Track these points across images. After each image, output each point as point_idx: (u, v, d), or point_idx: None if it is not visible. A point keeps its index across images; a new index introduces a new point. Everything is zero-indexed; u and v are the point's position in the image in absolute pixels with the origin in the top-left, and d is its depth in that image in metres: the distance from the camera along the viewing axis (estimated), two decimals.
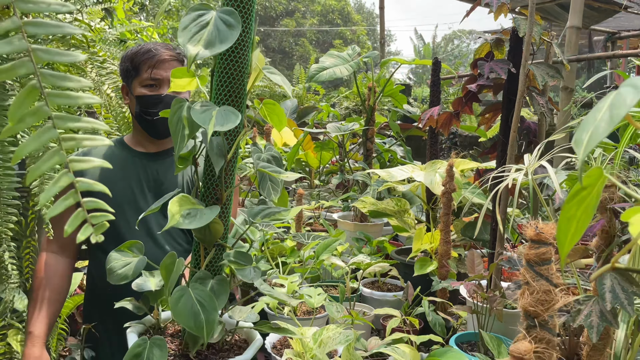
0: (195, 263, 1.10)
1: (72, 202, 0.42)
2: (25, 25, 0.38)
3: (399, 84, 4.18)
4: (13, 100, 0.38)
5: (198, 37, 0.86)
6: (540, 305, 0.73)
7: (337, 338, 1.33)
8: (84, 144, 0.42)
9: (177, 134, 0.95)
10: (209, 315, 0.95)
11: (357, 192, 3.08)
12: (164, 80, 1.63)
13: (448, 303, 1.75)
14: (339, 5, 26.92)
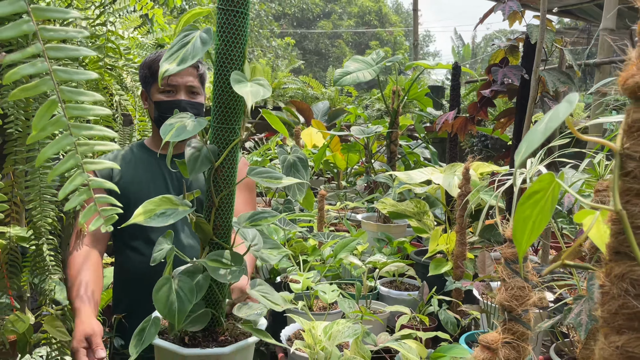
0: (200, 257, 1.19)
1: (85, 198, 0.51)
2: (47, 50, 0.47)
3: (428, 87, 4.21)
4: (36, 112, 0.47)
5: (175, 56, 0.96)
6: (515, 300, 0.79)
7: (346, 332, 1.40)
8: (96, 148, 0.50)
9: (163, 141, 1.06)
10: (183, 305, 1.03)
11: (382, 193, 3.13)
12: (180, 86, 1.70)
13: (459, 302, 1.79)
14: (376, 6, 26.88)
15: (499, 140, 4.94)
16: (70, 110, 0.48)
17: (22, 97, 0.46)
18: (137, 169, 1.79)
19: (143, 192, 1.73)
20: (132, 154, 1.81)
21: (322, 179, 4.39)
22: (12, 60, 0.45)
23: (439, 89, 6.98)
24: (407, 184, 2.38)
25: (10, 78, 0.45)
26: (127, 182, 1.74)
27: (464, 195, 1.88)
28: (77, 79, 0.47)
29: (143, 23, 4.46)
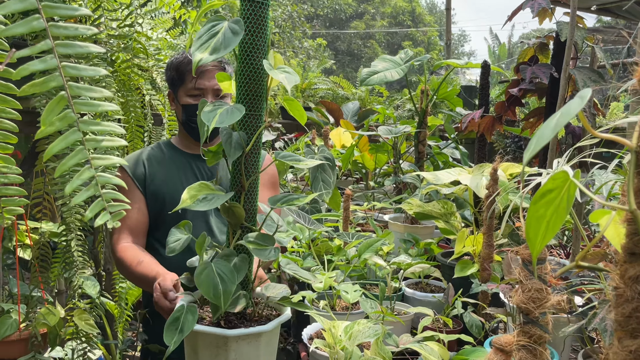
0: (227, 243, 1.21)
1: (92, 193, 0.52)
2: (57, 46, 0.48)
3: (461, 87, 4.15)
4: (45, 107, 0.48)
5: (206, 45, 0.98)
6: (532, 303, 0.77)
7: (367, 332, 1.39)
8: (103, 144, 0.52)
9: (202, 130, 1.08)
10: (227, 287, 1.05)
11: (409, 194, 3.10)
12: (207, 89, 1.72)
13: (484, 305, 1.76)
14: (409, 6, 26.66)
15: None
16: (78, 106, 0.49)
17: (31, 92, 0.48)
18: (169, 169, 1.81)
19: (177, 192, 1.75)
20: (162, 154, 1.84)
21: (350, 179, 4.38)
22: (22, 56, 0.47)
23: (473, 88, 6.86)
24: (434, 185, 2.36)
25: (19, 74, 0.46)
26: (160, 182, 1.77)
27: (492, 196, 1.84)
28: (87, 75, 0.49)
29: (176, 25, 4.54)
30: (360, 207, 3.13)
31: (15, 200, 0.65)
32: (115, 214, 0.53)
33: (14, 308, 1.63)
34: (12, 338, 1.52)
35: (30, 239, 1.67)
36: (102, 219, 0.52)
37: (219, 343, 1.11)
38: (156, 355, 1.74)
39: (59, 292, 2.33)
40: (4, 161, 0.64)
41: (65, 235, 1.44)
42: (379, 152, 3.65)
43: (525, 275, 0.78)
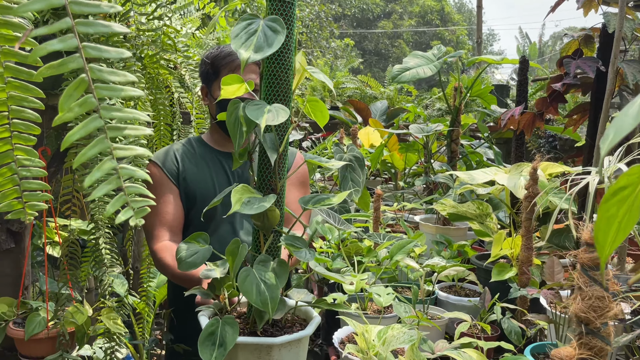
0: (255, 248, 1.17)
1: (114, 187, 0.48)
2: (77, 25, 0.44)
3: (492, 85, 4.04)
4: (64, 92, 0.44)
5: (249, 43, 0.95)
6: (593, 312, 0.70)
7: (401, 337, 1.33)
8: (126, 132, 0.47)
9: (236, 131, 1.04)
10: (272, 292, 1.02)
11: (441, 194, 3.02)
12: None
13: (524, 311, 1.68)
14: (438, 5, 26.37)
15: (569, 141, 4.68)
16: (99, 91, 0.45)
17: (48, 74, 0.44)
18: (201, 166, 1.78)
19: (208, 189, 1.73)
20: (193, 150, 1.80)
21: (379, 179, 4.31)
22: (40, 34, 0.43)
23: (503, 87, 6.71)
24: (469, 185, 2.28)
25: (37, 53, 0.42)
26: (192, 179, 1.75)
27: (532, 197, 1.76)
28: (108, 57, 0.44)
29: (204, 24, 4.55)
30: (389, 208, 3.06)
31: (39, 195, 0.61)
32: (139, 210, 0.49)
33: (43, 306, 1.62)
34: (41, 336, 1.51)
35: (59, 236, 1.66)
36: (125, 215, 0.48)
37: (262, 352, 1.07)
38: (181, 355, 1.71)
39: (89, 291, 2.33)
40: (26, 153, 0.60)
41: (94, 233, 1.41)
42: (408, 152, 3.58)
43: (585, 281, 0.72)
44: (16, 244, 1.68)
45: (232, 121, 1.05)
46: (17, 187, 0.58)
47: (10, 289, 1.72)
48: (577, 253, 0.74)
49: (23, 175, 0.59)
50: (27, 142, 0.60)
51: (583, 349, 0.67)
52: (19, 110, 0.59)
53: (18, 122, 0.59)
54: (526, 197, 1.78)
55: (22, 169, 0.59)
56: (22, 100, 0.58)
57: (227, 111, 1.07)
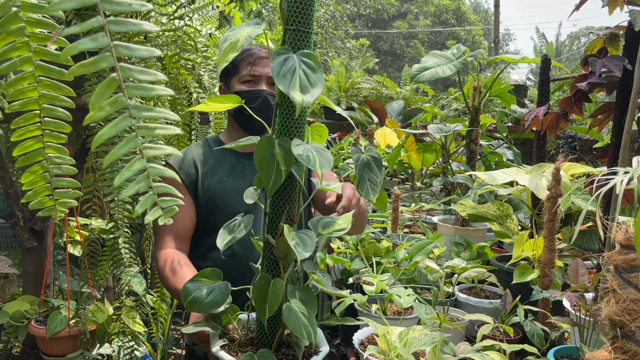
0: (272, 273, 1.16)
1: (143, 186, 0.47)
2: (108, 24, 0.44)
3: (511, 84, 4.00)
4: (94, 91, 0.44)
5: (294, 84, 0.93)
6: (627, 315, 0.68)
7: (423, 339, 1.32)
8: (156, 132, 0.47)
9: (271, 169, 1.01)
10: (312, 323, 1.08)
11: (459, 195, 3.00)
12: (262, 77, 1.69)
13: (547, 313, 1.65)
14: (453, 5, 26.20)
15: (589, 142, 4.61)
16: (130, 90, 0.44)
17: (80, 73, 0.44)
18: (220, 169, 1.75)
19: (228, 194, 1.69)
20: (211, 152, 1.77)
21: (395, 179, 4.28)
22: (73, 33, 0.42)
23: (521, 88, 6.64)
24: (489, 185, 2.25)
25: (68, 52, 0.42)
26: (212, 184, 1.71)
27: (554, 198, 1.73)
28: (139, 56, 0.44)
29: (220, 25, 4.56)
30: (407, 209, 3.04)
31: (69, 193, 0.61)
32: (168, 209, 0.48)
33: (64, 304, 1.63)
34: (62, 334, 1.52)
35: (80, 235, 1.67)
36: (153, 215, 0.47)
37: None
38: (201, 358, 1.71)
39: (107, 289, 2.34)
40: (57, 151, 0.60)
41: (114, 232, 1.42)
42: (426, 152, 3.55)
43: (619, 284, 0.70)
44: (38, 243, 1.70)
45: (267, 158, 1.01)
46: (48, 184, 0.59)
47: (32, 287, 1.73)
48: (611, 255, 0.72)
49: (54, 173, 0.59)
50: (58, 140, 0.60)
51: (618, 352, 0.66)
52: (50, 108, 0.59)
53: (49, 121, 0.59)
54: (549, 198, 1.76)
55: (53, 167, 0.59)
56: (54, 98, 0.58)
57: (259, 146, 1.03)
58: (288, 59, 0.97)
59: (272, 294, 1.06)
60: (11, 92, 0.56)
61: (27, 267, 1.73)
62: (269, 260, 1.15)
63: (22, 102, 0.56)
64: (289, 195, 1.13)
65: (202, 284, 1.16)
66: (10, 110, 0.54)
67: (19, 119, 0.56)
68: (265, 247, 1.15)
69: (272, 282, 1.08)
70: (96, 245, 1.57)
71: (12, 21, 0.56)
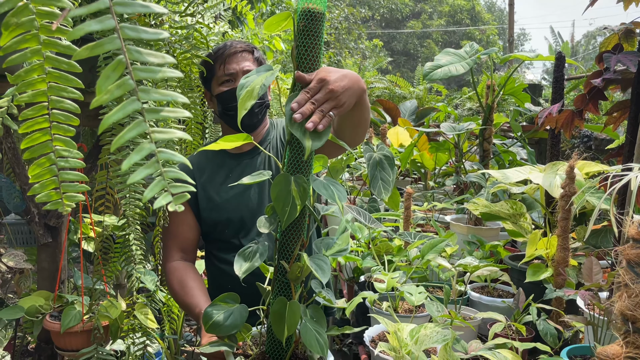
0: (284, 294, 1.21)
1: (152, 171, 0.47)
2: (114, 5, 0.44)
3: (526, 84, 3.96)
4: (101, 73, 0.44)
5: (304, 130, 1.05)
6: (639, 309, 0.67)
7: (434, 337, 1.31)
8: (164, 114, 0.47)
9: (287, 204, 1.07)
10: (324, 339, 1.16)
11: (472, 194, 2.97)
12: (238, 73, 1.64)
13: (560, 312, 1.63)
14: (468, 4, 26.04)
15: (605, 141, 4.55)
16: (137, 72, 0.45)
17: (85, 55, 0.44)
18: (218, 175, 1.74)
19: (230, 200, 1.70)
20: (207, 159, 1.75)
21: (408, 179, 4.27)
22: (79, 14, 0.43)
23: (536, 87, 6.58)
24: (502, 184, 2.23)
25: (73, 34, 0.43)
26: (214, 192, 1.71)
27: (568, 196, 1.71)
28: (146, 38, 0.44)
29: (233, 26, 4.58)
30: (419, 208, 3.03)
31: (76, 186, 0.62)
32: (178, 195, 0.49)
33: (78, 300, 1.65)
34: (76, 329, 1.54)
35: (94, 232, 1.69)
36: (164, 200, 0.48)
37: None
38: None
39: (120, 286, 2.36)
40: (65, 144, 0.61)
41: (125, 228, 1.43)
42: (439, 151, 3.53)
43: (631, 278, 0.69)
44: (53, 239, 1.72)
45: (284, 194, 1.07)
46: (55, 177, 0.59)
47: (47, 283, 1.76)
48: (623, 249, 0.71)
49: (61, 166, 0.60)
50: (66, 132, 0.61)
51: (630, 347, 0.65)
52: (58, 100, 0.59)
53: (57, 113, 0.59)
54: (562, 197, 1.74)
55: (61, 160, 0.59)
56: (62, 90, 0.59)
57: (276, 182, 1.08)
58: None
59: (290, 316, 1.12)
60: (20, 84, 0.56)
61: (42, 262, 1.75)
62: (280, 283, 1.21)
63: (31, 94, 0.56)
64: (300, 223, 1.18)
65: (221, 308, 1.21)
66: (19, 102, 0.55)
67: (28, 110, 0.57)
68: (277, 270, 1.20)
69: (289, 304, 1.14)
70: (109, 242, 1.58)
71: (23, 13, 0.57)
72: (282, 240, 1.19)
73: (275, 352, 1.24)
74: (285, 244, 1.19)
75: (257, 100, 1.10)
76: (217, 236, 1.73)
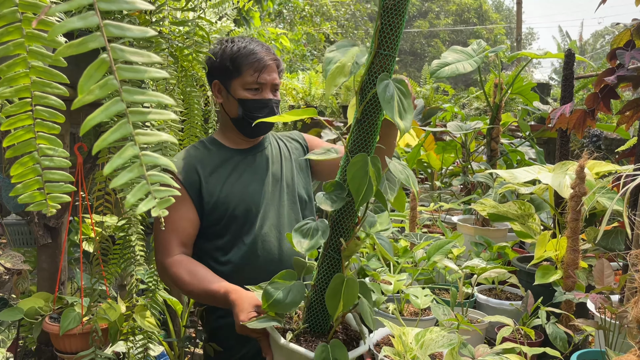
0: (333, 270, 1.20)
1: (136, 175, 0.44)
2: (98, 2, 0.41)
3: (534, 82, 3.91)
4: (84, 73, 0.41)
5: (397, 110, 1.00)
6: None
7: (440, 341, 1.27)
8: (150, 117, 0.44)
9: (363, 185, 1.05)
10: (372, 313, 1.17)
11: (480, 194, 2.93)
12: (268, 84, 1.65)
13: (570, 316, 1.59)
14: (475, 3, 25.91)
15: (615, 141, 4.49)
16: (121, 72, 0.42)
17: (68, 54, 0.41)
18: (223, 170, 1.70)
19: (235, 194, 1.65)
20: (209, 153, 1.72)
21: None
22: (60, 11, 0.40)
23: (544, 86, 6.51)
24: (510, 184, 2.19)
25: (55, 32, 0.40)
26: (217, 187, 1.66)
27: (578, 197, 1.67)
28: (132, 36, 0.41)
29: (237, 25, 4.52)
30: (426, 208, 2.99)
31: (62, 187, 0.59)
32: (163, 200, 0.45)
33: (79, 301, 1.63)
34: (75, 331, 1.51)
35: (94, 232, 1.67)
36: (147, 205, 0.45)
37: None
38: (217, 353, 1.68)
39: (123, 287, 2.34)
40: (49, 142, 0.58)
41: (126, 229, 1.40)
42: (445, 151, 3.49)
43: None
44: (53, 240, 1.70)
45: (361, 174, 1.05)
46: (39, 177, 0.56)
47: (47, 284, 1.73)
48: (638, 253, 0.67)
49: (45, 165, 0.57)
50: (50, 130, 0.58)
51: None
52: (42, 96, 0.56)
53: (41, 109, 0.57)
54: (572, 197, 1.70)
55: (45, 159, 0.56)
56: (46, 85, 0.56)
57: (354, 162, 1.06)
58: (388, 86, 1.03)
59: (347, 291, 1.11)
60: (3, 78, 0.53)
61: (42, 263, 1.73)
62: (330, 259, 1.20)
63: (13, 89, 0.53)
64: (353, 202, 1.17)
65: (280, 285, 1.19)
66: (1, 97, 0.52)
67: (11, 106, 0.54)
68: (329, 247, 1.19)
69: (346, 281, 1.12)
70: (108, 242, 1.56)
71: (4, 4, 0.54)
72: (335, 217, 1.17)
73: (318, 326, 1.24)
74: (339, 221, 1.17)
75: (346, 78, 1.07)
76: (219, 232, 1.67)
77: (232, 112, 1.69)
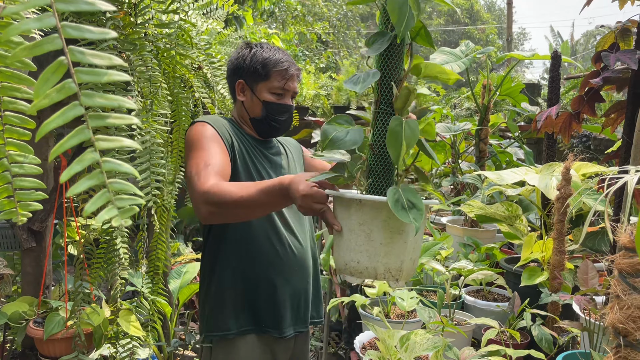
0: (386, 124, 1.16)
1: (96, 182, 0.44)
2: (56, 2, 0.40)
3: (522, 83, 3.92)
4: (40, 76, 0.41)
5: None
6: (632, 323, 0.63)
7: (425, 344, 1.27)
8: (110, 121, 0.43)
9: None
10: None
11: (469, 195, 2.94)
12: (289, 91, 1.76)
13: (555, 317, 1.60)
14: (467, 3, 25.97)
15: (604, 141, 4.52)
16: (80, 75, 0.41)
17: (23, 56, 0.40)
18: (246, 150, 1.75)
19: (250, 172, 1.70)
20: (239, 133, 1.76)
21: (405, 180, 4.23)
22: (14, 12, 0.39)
23: (535, 86, 6.54)
24: (498, 185, 2.19)
25: (9, 34, 0.39)
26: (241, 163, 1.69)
27: (564, 198, 1.67)
28: (90, 37, 0.40)
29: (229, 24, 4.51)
30: None
31: (33, 194, 0.58)
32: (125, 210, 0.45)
33: (63, 305, 1.61)
34: (58, 336, 1.50)
35: (79, 235, 1.65)
36: (108, 214, 0.44)
37: None
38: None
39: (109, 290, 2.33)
40: (19, 149, 0.57)
41: (110, 232, 1.39)
42: (435, 152, 3.49)
43: (623, 289, 0.65)
44: (37, 243, 1.68)
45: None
46: (8, 185, 0.55)
47: (31, 288, 1.72)
48: (614, 258, 0.67)
49: (15, 173, 0.56)
50: (20, 136, 0.57)
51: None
52: (11, 101, 0.55)
53: (10, 115, 0.56)
54: (558, 198, 1.70)
55: (15, 166, 0.56)
56: (15, 90, 0.55)
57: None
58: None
59: (407, 130, 1.05)
60: None
61: (26, 267, 1.71)
62: (384, 114, 1.14)
63: None
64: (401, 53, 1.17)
65: (338, 126, 1.15)
66: None
67: None
68: (380, 101, 1.14)
69: (405, 122, 1.05)
70: (92, 246, 1.55)
71: None
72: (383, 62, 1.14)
73: (378, 191, 1.15)
74: (389, 69, 1.13)
75: None
76: None
77: (255, 111, 1.75)
